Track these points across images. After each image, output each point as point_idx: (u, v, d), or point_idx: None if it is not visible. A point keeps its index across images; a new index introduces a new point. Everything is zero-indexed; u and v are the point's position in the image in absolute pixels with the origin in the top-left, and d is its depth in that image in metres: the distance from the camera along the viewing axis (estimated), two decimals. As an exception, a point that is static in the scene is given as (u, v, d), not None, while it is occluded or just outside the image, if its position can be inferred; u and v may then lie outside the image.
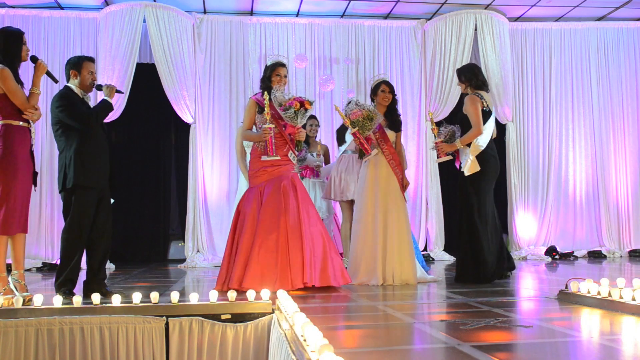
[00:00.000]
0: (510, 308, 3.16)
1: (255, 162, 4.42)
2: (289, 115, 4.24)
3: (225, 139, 7.55)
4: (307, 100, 4.30)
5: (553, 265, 6.65)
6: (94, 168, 3.96)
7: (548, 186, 7.97)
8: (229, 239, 4.36)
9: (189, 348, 2.94)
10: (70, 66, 4.05)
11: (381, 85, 4.80)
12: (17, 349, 2.83)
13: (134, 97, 7.33)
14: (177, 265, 7.14)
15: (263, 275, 4.04)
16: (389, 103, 4.80)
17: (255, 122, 4.47)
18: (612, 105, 8.13)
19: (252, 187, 4.41)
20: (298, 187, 4.36)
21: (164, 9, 7.26)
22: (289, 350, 2.01)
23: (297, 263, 4.09)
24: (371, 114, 4.57)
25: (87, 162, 3.91)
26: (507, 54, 7.85)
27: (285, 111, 4.25)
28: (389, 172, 4.68)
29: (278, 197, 4.25)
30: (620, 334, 2.42)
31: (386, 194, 4.62)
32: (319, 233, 4.25)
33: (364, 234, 4.61)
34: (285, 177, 4.35)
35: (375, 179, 4.67)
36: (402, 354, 2.11)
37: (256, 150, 4.44)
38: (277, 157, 4.29)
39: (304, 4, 7.54)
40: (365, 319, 3.03)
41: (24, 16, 7.33)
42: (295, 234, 4.15)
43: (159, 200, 8.41)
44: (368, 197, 4.66)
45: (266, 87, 4.44)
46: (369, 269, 4.51)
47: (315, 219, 4.31)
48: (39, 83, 3.81)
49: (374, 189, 4.65)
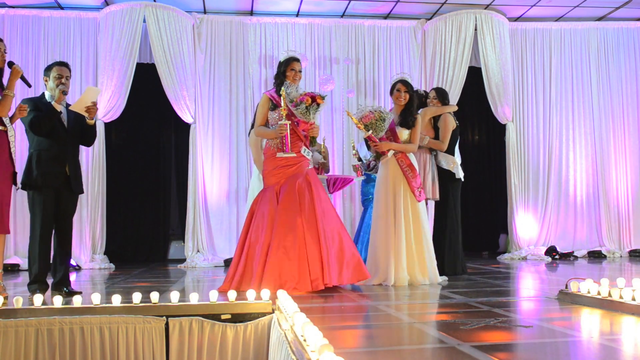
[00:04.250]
0: (510, 308, 3.16)
1: (270, 161, 4.34)
2: (301, 111, 4.18)
3: (225, 139, 7.55)
4: (318, 95, 4.24)
5: (553, 265, 6.65)
6: (48, 169, 4.04)
7: (548, 186, 7.97)
8: (241, 240, 4.30)
9: (189, 348, 2.94)
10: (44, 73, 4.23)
11: (397, 85, 4.78)
12: (17, 349, 2.83)
13: (134, 97, 7.33)
14: (177, 265, 7.14)
15: (281, 277, 3.98)
16: (406, 102, 4.76)
17: (268, 119, 4.39)
18: (612, 105, 8.13)
19: (267, 187, 4.34)
20: (313, 183, 4.28)
21: (164, 9, 7.26)
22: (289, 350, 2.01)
23: (316, 264, 4.03)
24: (383, 115, 4.56)
25: (42, 163, 4.03)
26: (507, 54, 7.85)
27: (296, 107, 4.18)
28: (397, 171, 4.65)
29: (294, 197, 4.18)
30: (620, 334, 2.42)
31: (395, 193, 4.59)
32: (336, 231, 4.18)
33: (377, 233, 4.60)
34: (300, 174, 4.28)
35: (386, 179, 4.66)
36: (402, 354, 2.11)
37: (269, 149, 4.37)
38: (294, 154, 4.23)
39: (304, 4, 7.54)
40: (365, 319, 3.03)
41: (24, 16, 7.33)
42: (312, 234, 4.09)
43: (159, 200, 8.41)
44: (381, 196, 4.65)
45: (280, 82, 4.36)
46: (381, 270, 4.50)
47: (330, 216, 4.23)
48: (13, 86, 3.90)
49: (386, 188, 4.63)
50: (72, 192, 4.18)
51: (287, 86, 4.27)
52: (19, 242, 6.82)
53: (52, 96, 4.14)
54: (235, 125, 7.59)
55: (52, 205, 4.04)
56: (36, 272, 3.98)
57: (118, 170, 8.01)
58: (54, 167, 4.06)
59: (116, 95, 7.12)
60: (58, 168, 4.08)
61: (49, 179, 4.03)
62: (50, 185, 4.04)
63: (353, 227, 7.03)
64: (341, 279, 4.08)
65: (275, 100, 4.33)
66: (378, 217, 4.65)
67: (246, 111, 7.61)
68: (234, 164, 7.53)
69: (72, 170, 4.16)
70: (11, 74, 3.88)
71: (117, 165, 7.99)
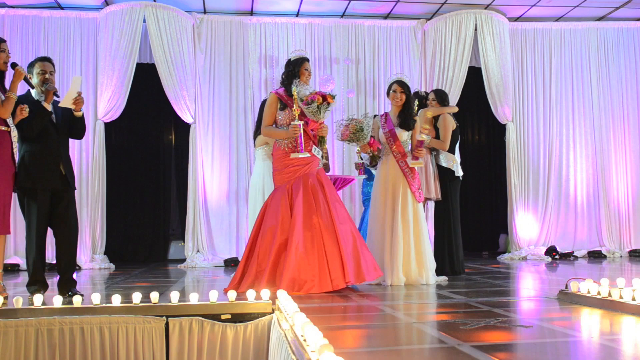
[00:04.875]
0: (510, 308, 3.16)
1: (282, 160, 4.26)
2: (312, 110, 4.13)
3: (225, 139, 7.55)
4: (329, 95, 4.20)
5: (553, 265, 6.65)
6: (40, 170, 3.98)
7: (548, 186, 7.97)
8: (251, 240, 4.24)
9: (189, 348, 2.94)
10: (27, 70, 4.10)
11: (393, 85, 4.75)
12: (17, 349, 2.83)
13: (134, 97, 7.34)
14: (177, 265, 7.14)
15: (301, 276, 3.94)
16: (403, 103, 4.73)
17: (276, 119, 4.33)
18: (612, 105, 8.13)
19: (278, 186, 4.28)
20: (325, 183, 4.24)
21: (164, 9, 7.26)
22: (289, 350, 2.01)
23: (335, 263, 3.99)
24: (358, 124, 4.54)
25: (31, 164, 3.97)
26: (507, 54, 7.85)
27: (307, 105, 4.13)
28: (397, 172, 4.63)
29: (308, 196, 4.14)
30: (620, 334, 2.42)
31: (394, 194, 4.58)
32: (349, 230, 4.15)
33: (374, 233, 4.60)
34: (312, 174, 4.24)
35: (385, 178, 4.65)
36: (402, 354, 2.11)
37: (279, 148, 4.29)
38: (308, 155, 4.18)
39: (304, 4, 7.54)
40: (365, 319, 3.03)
41: (24, 16, 7.33)
42: (329, 233, 4.05)
43: (159, 200, 8.40)
44: (379, 196, 4.64)
45: (292, 82, 4.29)
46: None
47: (343, 217, 4.19)
48: (16, 88, 3.87)
49: (385, 188, 4.62)
50: (70, 188, 4.12)
51: (296, 85, 4.22)
52: (19, 242, 6.82)
53: (38, 93, 4.06)
54: (235, 125, 7.58)
55: (47, 207, 4.01)
56: (35, 273, 3.95)
57: (118, 170, 8.01)
58: (49, 168, 4.01)
59: (116, 95, 7.12)
60: (53, 168, 4.03)
61: (46, 181, 3.98)
62: (46, 188, 3.99)
63: (353, 227, 7.02)
64: (358, 278, 4.03)
65: (284, 100, 4.27)
66: (376, 217, 4.64)
67: (246, 111, 7.62)
68: (234, 164, 7.53)
69: (66, 167, 4.12)
70: (14, 75, 3.86)
71: (117, 165, 7.99)
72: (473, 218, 8.74)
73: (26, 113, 3.87)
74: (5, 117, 3.85)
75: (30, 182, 3.96)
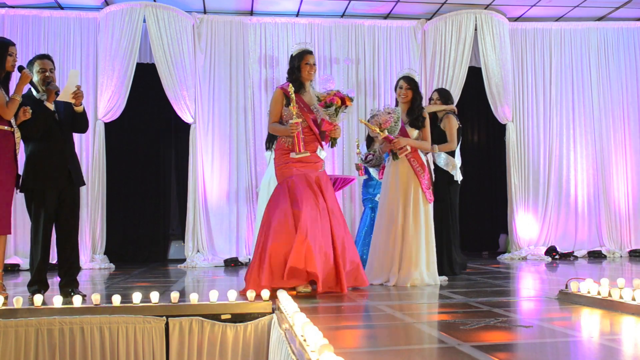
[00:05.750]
0: (510, 308, 3.16)
1: (282, 157, 4.22)
2: (329, 112, 4.10)
3: (225, 139, 7.55)
4: (347, 97, 4.16)
5: (553, 265, 6.65)
6: (45, 170, 3.97)
7: (548, 186, 7.97)
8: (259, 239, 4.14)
9: (189, 348, 2.94)
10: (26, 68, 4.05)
11: (399, 82, 4.70)
12: (17, 349, 2.83)
13: (134, 97, 7.33)
14: (177, 265, 7.14)
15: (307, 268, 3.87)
16: (409, 99, 4.66)
17: (282, 115, 4.26)
18: (613, 105, 8.13)
19: (281, 182, 4.22)
20: (323, 186, 4.19)
21: (164, 9, 7.26)
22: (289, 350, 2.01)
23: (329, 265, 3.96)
24: (397, 114, 4.51)
25: (38, 165, 3.97)
26: (507, 54, 7.85)
27: (326, 107, 4.09)
28: (409, 171, 4.58)
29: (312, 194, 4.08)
30: (620, 334, 2.42)
31: (405, 193, 4.54)
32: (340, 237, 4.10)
33: (380, 232, 4.57)
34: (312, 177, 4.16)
35: (395, 177, 4.60)
36: (402, 354, 2.11)
37: (282, 145, 4.24)
38: (307, 154, 4.11)
39: (304, 4, 7.54)
40: (365, 319, 3.04)
41: (24, 16, 7.33)
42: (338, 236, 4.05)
43: (159, 200, 8.40)
44: (388, 195, 4.60)
45: (295, 78, 4.24)
46: (383, 269, 4.48)
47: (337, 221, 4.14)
48: (21, 91, 3.87)
49: (395, 187, 4.57)
50: (74, 185, 4.10)
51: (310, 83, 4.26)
52: (19, 242, 6.82)
53: (39, 92, 4.03)
54: (235, 125, 7.58)
55: (54, 207, 4.01)
56: (36, 273, 3.96)
57: (118, 170, 8.00)
58: (57, 168, 4.00)
59: (116, 95, 7.12)
60: (61, 167, 4.02)
61: (54, 180, 3.98)
62: (55, 187, 3.99)
63: (353, 227, 7.03)
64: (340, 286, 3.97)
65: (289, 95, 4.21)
66: (383, 216, 4.60)
67: (246, 111, 7.62)
68: (234, 164, 7.53)
69: (73, 164, 4.11)
70: (20, 78, 3.85)
71: (117, 165, 7.98)
72: (473, 218, 8.74)
73: (29, 115, 3.87)
74: (9, 118, 3.85)
75: (39, 183, 3.94)
